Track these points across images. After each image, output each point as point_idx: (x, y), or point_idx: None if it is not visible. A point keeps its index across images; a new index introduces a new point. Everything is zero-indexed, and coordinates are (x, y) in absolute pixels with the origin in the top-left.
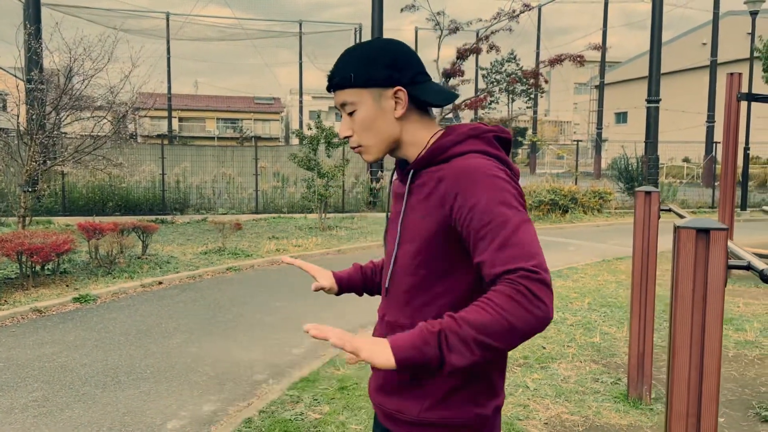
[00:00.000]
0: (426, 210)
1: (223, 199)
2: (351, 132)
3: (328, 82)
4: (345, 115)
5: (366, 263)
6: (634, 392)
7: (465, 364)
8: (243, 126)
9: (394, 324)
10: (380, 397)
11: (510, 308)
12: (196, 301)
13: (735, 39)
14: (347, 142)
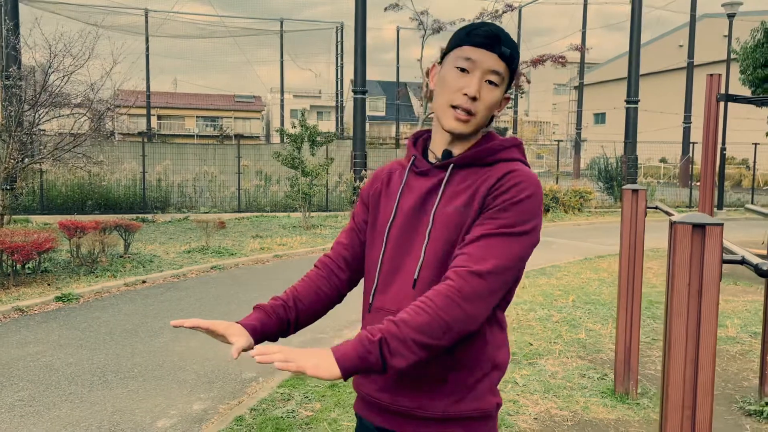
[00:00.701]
0: (468, 201)
1: (205, 197)
2: (478, 96)
3: (494, 39)
4: (481, 80)
5: (269, 302)
6: (620, 387)
7: (407, 364)
8: (223, 124)
9: None
10: (390, 396)
11: (445, 305)
12: (181, 300)
13: (711, 41)
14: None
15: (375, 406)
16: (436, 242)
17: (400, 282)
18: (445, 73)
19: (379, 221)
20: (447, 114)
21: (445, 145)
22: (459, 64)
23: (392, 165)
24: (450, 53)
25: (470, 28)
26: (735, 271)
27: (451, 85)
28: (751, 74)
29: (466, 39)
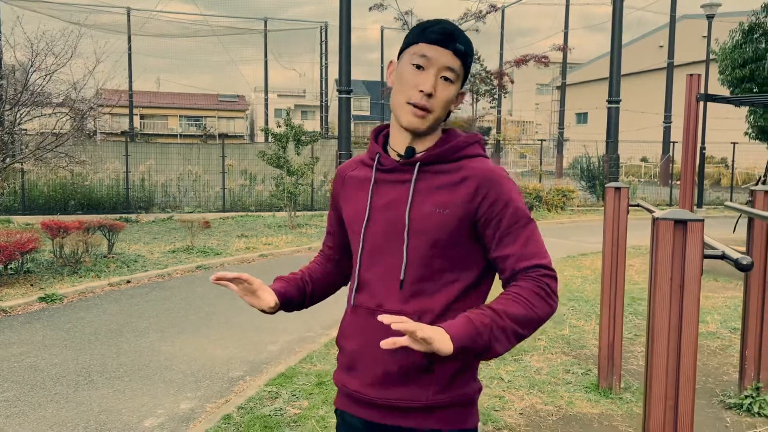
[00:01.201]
0: (448, 203)
1: (189, 197)
2: (434, 93)
3: (448, 36)
4: (436, 76)
5: (289, 275)
6: (604, 382)
7: (505, 351)
8: (207, 124)
9: (398, 313)
10: (378, 390)
11: (537, 303)
12: (167, 299)
13: (691, 42)
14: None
15: (362, 401)
16: (416, 242)
17: (383, 282)
18: (401, 70)
19: (353, 222)
20: (404, 110)
21: (407, 141)
22: (414, 61)
23: (353, 162)
24: (406, 50)
25: (425, 25)
26: (715, 268)
27: (407, 82)
28: (729, 74)
29: (421, 36)
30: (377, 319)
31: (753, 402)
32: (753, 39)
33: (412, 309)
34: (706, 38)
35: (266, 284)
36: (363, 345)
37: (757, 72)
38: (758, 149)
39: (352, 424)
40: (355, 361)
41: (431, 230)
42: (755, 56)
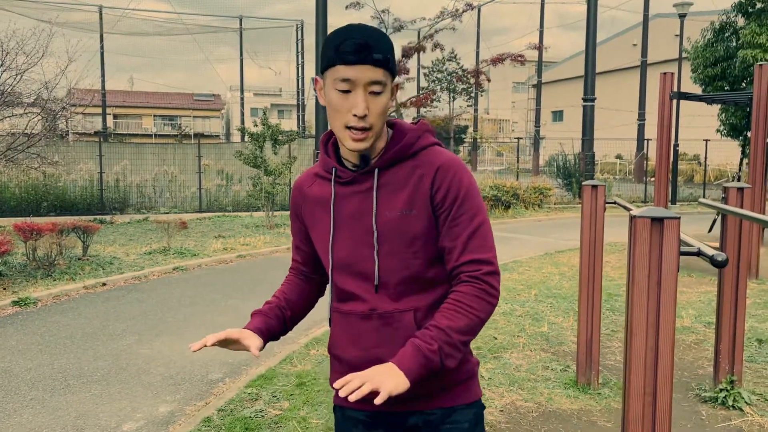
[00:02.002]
0: (411, 204)
1: (165, 197)
2: (367, 111)
3: (363, 52)
4: (365, 93)
5: (265, 307)
6: (582, 378)
7: (456, 363)
8: (182, 123)
9: (394, 313)
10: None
11: (479, 307)
12: (143, 301)
13: (664, 40)
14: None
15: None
16: (386, 248)
17: (359, 289)
18: (329, 96)
19: (319, 236)
20: (345, 135)
21: (357, 154)
22: (338, 87)
23: (309, 176)
24: (327, 72)
25: (337, 42)
26: (689, 264)
27: (339, 107)
28: (701, 73)
29: (336, 58)
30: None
31: (727, 395)
32: (724, 38)
33: (405, 307)
34: (678, 37)
35: (245, 329)
36: (363, 350)
37: (728, 70)
38: (730, 146)
39: (356, 417)
40: (355, 366)
41: (403, 233)
42: (726, 55)
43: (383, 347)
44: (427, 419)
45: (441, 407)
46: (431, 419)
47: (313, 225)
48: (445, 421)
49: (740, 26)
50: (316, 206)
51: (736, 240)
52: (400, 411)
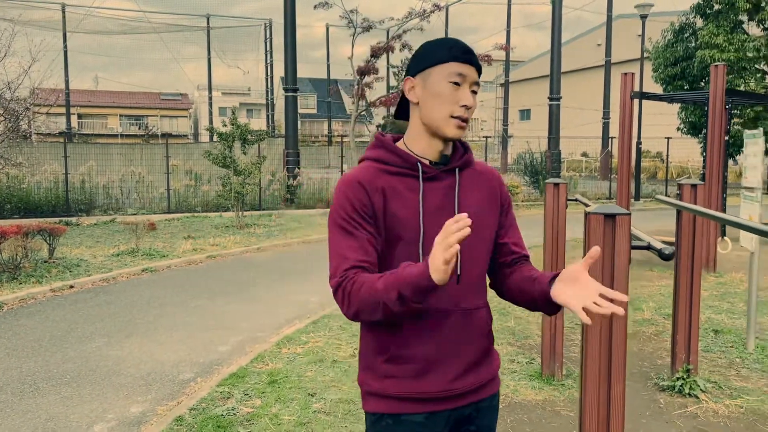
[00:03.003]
0: (486, 203)
1: (133, 198)
2: (472, 105)
3: (471, 55)
4: (470, 91)
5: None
6: (547, 370)
7: None
8: (149, 123)
9: (473, 310)
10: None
11: None
12: (112, 303)
13: (627, 40)
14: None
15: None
16: (472, 240)
17: (450, 282)
18: (438, 88)
19: (403, 230)
20: (449, 124)
21: (439, 149)
22: (452, 79)
23: (372, 172)
24: (435, 69)
25: (450, 45)
26: (651, 259)
27: (448, 98)
28: (662, 72)
29: (449, 56)
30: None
31: (684, 383)
32: (683, 38)
33: (483, 302)
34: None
35: None
36: (439, 347)
37: (687, 70)
38: (690, 143)
39: (413, 421)
40: (430, 364)
41: (479, 228)
42: (685, 55)
43: (461, 342)
44: (478, 407)
45: (488, 395)
46: (481, 406)
47: (396, 219)
48: (490, 405)
49: (699, 27)
50: (395, 199)
51: (690, 234)
52: (459, 406)
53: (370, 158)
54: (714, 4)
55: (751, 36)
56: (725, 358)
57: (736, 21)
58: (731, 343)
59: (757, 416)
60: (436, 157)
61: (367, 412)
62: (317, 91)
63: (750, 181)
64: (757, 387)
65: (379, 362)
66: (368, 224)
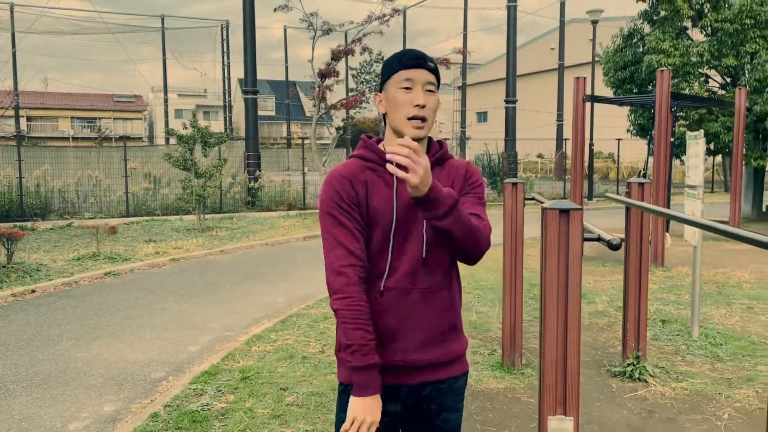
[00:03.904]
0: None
1: (90, 202)
2: (426, 104)
3: (420, 59)
4: (422, 91)
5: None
6: (507, 360)
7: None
8: (102, 125)
9: (434, 289)
10: (420, 354)
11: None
12: (77, 307)
13: (579, 44)
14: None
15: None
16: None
17: (408, 263)
18: (392, 96)
19: (380, 218)
20: (407, 126)
21: None
22: (402, 85)
23: (358, 167)
24: (389, 81)
25: (399, 56)
26: (603, 255)
27: (402, 101)
28: (612, 76)
29: (399, 66)
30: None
31: (634, 369)
32: (632, 43)
33: (446, 284)
34: (592, 41)
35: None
36: (399, 320)
37: (636, 74)
38: (640, 145)
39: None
40: (391, 335)
41: None
42: (634, 59)
43: (421, 318)
44: (438, 387)
45: (449, 377)
46: (441, 387)
47: (375, 206)
48: (452, 387)
49: (646, 33)
50: (379, 190)
51: (638, 229)
52: (416, 383)
53: (357, 156)
54: (660, 11)
55: (695, 41)
56: (672, 345)
57: (681, 27)
58: (677, 332)
59: (701, 397)
60: None
61: (339, 381)
62: (275, 93)
63: (692, 179)
64: (701, 371)
65: None
66: (354, 212)
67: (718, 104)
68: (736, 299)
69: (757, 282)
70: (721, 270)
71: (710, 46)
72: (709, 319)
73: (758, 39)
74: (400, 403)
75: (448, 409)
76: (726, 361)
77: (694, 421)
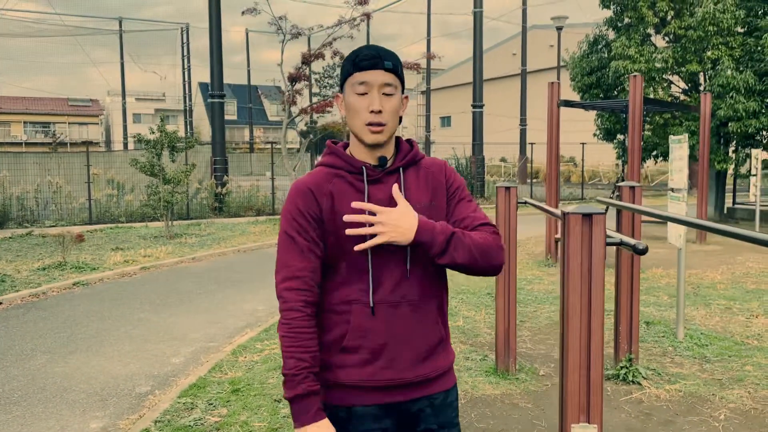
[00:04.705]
0: (435, 197)
1: (51, 210)
2: (382, 108)
3: (375, 59)
4: (379, 94)
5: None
6: (501, 365)
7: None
8: (57, 130)
9: (422, 302)
10: (411, 372)
11: (493, 241)
12: (48, 319)
13: (540, 50)
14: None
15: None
16: None
17: (391, 277)
18: (348, 101)
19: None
20: (364, 131)
21: (375, 153)
22: (357, 90)
23: (320, 176)
24: (346, 83)
25: (353, 57)
26: None
27: (357, 108)
28: (579, 81)
29: (353, 68)
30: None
31: (627, 372)
32: (597, 49)
33: (434, 294)
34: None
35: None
36: (389, 337)
37: (602, 79)
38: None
39: (366, 413)
40: (381, 353)
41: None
42: (600, 65)
43: (410, 333)
44: (432, 402)
45: (441, 390)
46: (435, 402)
47: (334, 218)
48: (444, 401)
49: (611, 39)
50: (342, 202)
51: (629, 232)
52: (409, 400)
53: (324, 164)
54: (625, 18)
55: (659, 48)
56: (659, 347)
57: (645, 34)
58: (662, 333)
59: (696, 399)
60: (375, 161)
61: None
62: (236, 97)
63: (676, 182)
64: (692, 372)
65: (333, 353)
66: (312, 229)
67: (685, 109)
68: (713, 300)
69: (730, 282)
70: (693, 271)
71: (674, 52)
72: (691, 320)
73: (720, 46)
74: (394, 421)
75: (448, 425)
76: (714, 361)
77: (692, 423)
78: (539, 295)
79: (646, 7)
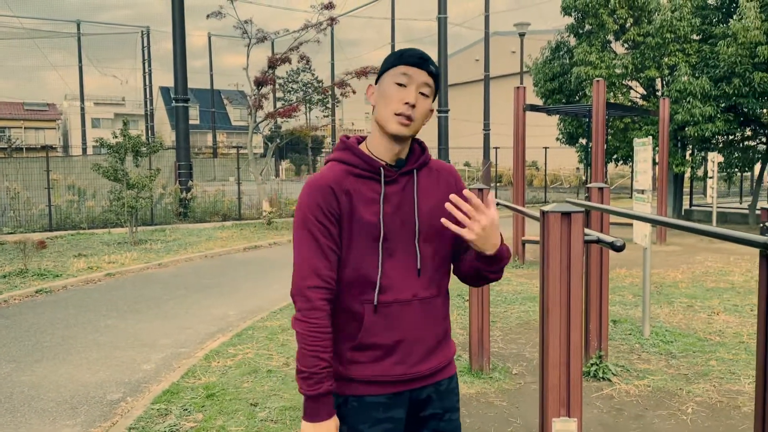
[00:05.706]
0: (444, 200)
1: (9, 216)
2: (416, 104)
3: (423, 59)
4: (416, 92)
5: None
6: (476, 365)
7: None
8: (12, 135)
9: (430, 299)
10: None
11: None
12: (10, 327)
13: (502, 56)
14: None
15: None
16: (425, 236)
17: (401, 276)
18: (385, 88)
19: (363, 230)
20: (391, 120)
21: (393, 151)
22: (397, 80)
23: (340, 174)
24: (386, 73)
25: (402, 51)
26: None
27: (393, 96)
28: (542, 87)
29: (400, 60)
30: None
31: (598, 368)
32: (559, 56)
33: (440, 291)
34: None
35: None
36: (401, 335)
37: (564, 84)
38: (563, 153)
39: (376, 402)
40: (393, 351)
41: (437, 224)
42: (562, 71)
43: (421, 329)
44: (437, 389)
45: (446, 377)
46: (440, 388)
47: (360, 219)
48: (448, 387)
49: (573, 45)
50: (359, 202)
51: (598, 231)
52: (418, 387)
53: (337, 159)
54: (586, 25)
55: (619, 54)
56: (626, 344)
57: (605, 40)
58: (629, 331)
59: (664, 393)
60: (393, 160)
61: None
62: (199, 101)
63: (641, 183)
64: (659, 368)
65: (345, 349)
66: (333, 226)
67: (645, 113)
68: (675, 298)
69: (690, 281)
70: (655, 271)
71: (633, 58)
72: (656, 317)
73: (678, 52)
74: (403, 410)
75: (451, 409)
76: (679, 357)
77: (662, 416)
78: (508, 296)
79: (607, 14)
